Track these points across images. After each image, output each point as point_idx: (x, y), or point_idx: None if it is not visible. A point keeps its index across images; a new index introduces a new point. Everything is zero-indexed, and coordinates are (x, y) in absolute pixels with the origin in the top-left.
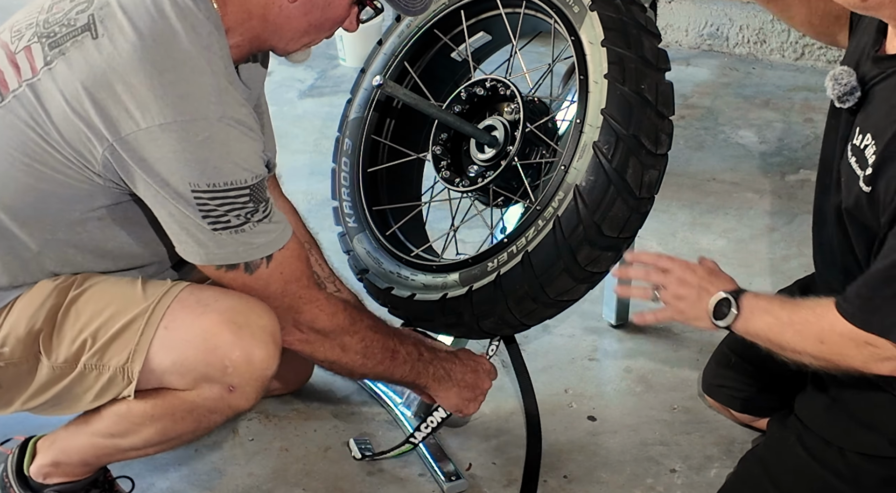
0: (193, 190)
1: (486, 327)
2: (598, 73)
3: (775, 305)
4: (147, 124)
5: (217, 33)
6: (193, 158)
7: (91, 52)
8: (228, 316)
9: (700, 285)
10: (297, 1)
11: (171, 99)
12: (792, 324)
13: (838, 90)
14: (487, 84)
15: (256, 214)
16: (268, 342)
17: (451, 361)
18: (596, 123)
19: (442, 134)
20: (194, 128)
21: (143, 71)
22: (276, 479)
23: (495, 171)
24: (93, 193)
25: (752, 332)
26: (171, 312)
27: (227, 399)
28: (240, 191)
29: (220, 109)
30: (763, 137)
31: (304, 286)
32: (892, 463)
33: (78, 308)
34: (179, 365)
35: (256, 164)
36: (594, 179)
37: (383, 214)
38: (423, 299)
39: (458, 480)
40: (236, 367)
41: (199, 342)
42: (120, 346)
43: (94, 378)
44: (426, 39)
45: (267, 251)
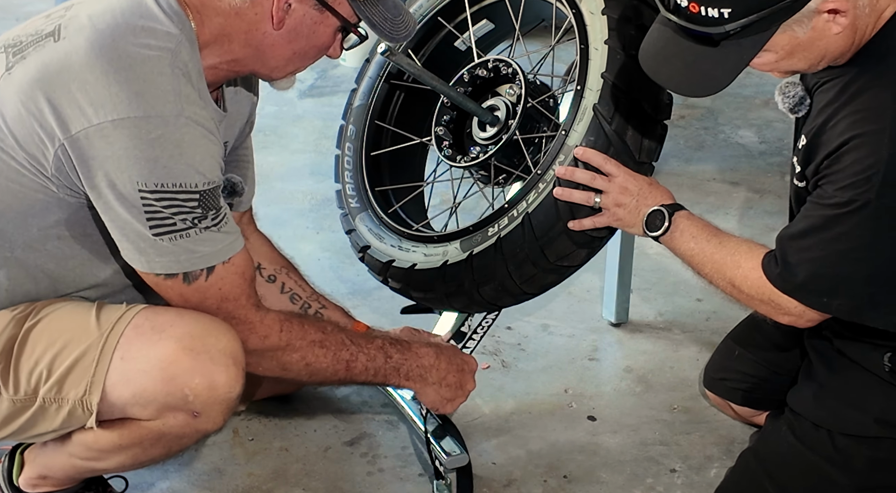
0: (140, 190)
1: (487, 294)
2: (599, 41)
3: (703, 234)
4: (99, 120)
5: (189, 45)
6: (143, 155)
7: (49, 53)
8: (185, 343)
9: (640, 194)
10: (283, 29)
11: (126, 95)
12: (712, 260)
13: (788, 103)
14: (490, 65)
15: (204, 221)
16: (228, 365)
17: (429, 358)
18: (596, 87)
19: (444, 116)
20: (147, 125)
21: (99, 67)
22: (276, 479)
23: (497, 146)
24: (48, 204)
25: (677, 251)
26: (126, 340)
27: (193, 424)
28: (189, 194)
29: (177, 107)
30: (763, 137)
31: (240, 306)
32: (878, 444)
33: (34, 340)
34: (140, 397)
35: (210, 168)
36: (594, 140)
37: (385, 194)
38: (423, 267)
39: (458, 454)
40: (197, 394)
41: (157, 373)
42: (76, 378)
43: (55, 411)
44: (430, 28)
45: (209, 262)
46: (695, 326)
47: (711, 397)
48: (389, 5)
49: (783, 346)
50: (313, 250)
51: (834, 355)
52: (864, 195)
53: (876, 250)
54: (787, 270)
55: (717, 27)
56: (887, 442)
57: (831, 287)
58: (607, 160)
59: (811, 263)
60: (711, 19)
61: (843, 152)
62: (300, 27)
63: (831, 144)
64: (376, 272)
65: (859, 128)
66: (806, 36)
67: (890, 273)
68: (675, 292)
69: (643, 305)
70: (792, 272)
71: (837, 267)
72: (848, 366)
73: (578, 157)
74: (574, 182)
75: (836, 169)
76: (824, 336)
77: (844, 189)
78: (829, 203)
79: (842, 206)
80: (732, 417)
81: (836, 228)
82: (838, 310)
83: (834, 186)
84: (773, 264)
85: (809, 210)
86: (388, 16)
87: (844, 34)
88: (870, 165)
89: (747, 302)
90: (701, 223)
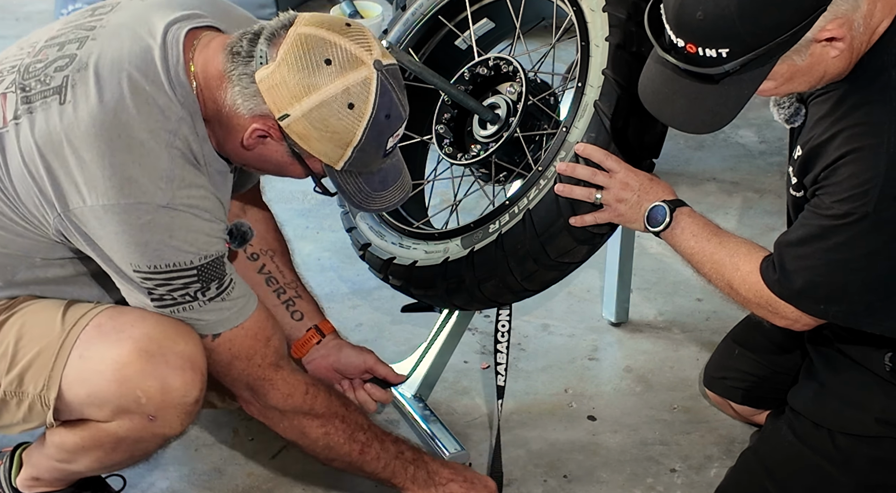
0: (136, 270)
1: (488, 291)
2: (600, 37)
3: (704, 233)
4: (92, 203)
5: (190, 119)
6: (133, 240)
7: (53, 117)
8: (142, 345)
9: (641, 189)
10: (252, 151)
11: (118, 180)
12: (711, 260)
13: (783, 114)
14: (490, 63)
15: (208, 292)
16: (185, 369)
17: (441, 467)
18: (597, 84)
19: (445, 114)
20: (136, 211)
21: (97, 148)
22: (276, 479)
23: (497, 143)
24: (54, 245)
25: (678, 248)
26: (87, 338)
27: (149, 428)
28: (185, 271)
29: (167, 195)
30: (763, 137)
31: (254, 365)
32: (879, 443)
33: (4, 332)
34: (94, 397)
35: (205, 245)
36: (595, 136)
37: None
38: (424, 264)
39: (459, 451)
40: (150, 397)
41: (111, 374)
42: (36, 373)
43: (16, 405)
44: (431, 27)
45: (215, 330)
46: (695, 326)
47: (711, 396)
48: (376, 179)
49: (783, 345)
50: (313, 249)
51: (835, 355)
52: (861, 208)
53: (872, 261)
54: (784, 276)
55: (716, 67)
56: (888, 442)
57: (828, 295)
58: (608, 156)
59: (808, 270)
60: (710, 59)
61: (840, 165)
62: (269, 157)
63: (829, 156)
64: (377, 270)
65: (857, 142)
66: (805, 63)
67: (886, 282)
68: (676, 292)
69: (643, 304)
70: (789, 279)
71: (834, 276)
72: (849, 366)
73: (579, 153)
74: (575, 178)
75: (834, 181)
76: (825, 336)
77: (842, 202)
78: (826, 214)
79: (839, 218)
80: (732, 416)
81: (833, 239)
82: (835, 317)
83: (831, 198)
84: (771, 269)
85: (807, 219)
86: (366, 189)
87: (842, 56)
88: (867, 179)
89: (744, 304)
90: (702, 221)
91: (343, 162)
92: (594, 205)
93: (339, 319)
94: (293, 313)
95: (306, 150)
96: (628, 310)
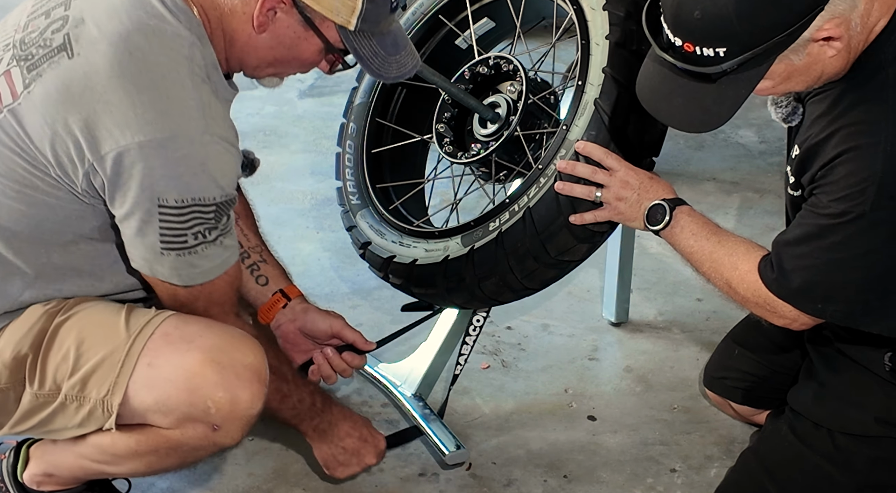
0: (161, 205)
1: (488, 289)
2: (600, 36)
3: (703, 231)
4: (126, 142)
5: (200, 44)
6: (168, 174)
7: (68, 72)
8: (212, 355)
9: (641, 187)
10: (264, 34)
11: (151, 116)
12: (710, 259)
13: (781, 113)
14: (490, 62)
15: (213, 232)
16: (252, 381)
17: (342, 420)
18: (597, 82)
19: (445, 113)
20: (174, 144)
21: (122, 88)
22: (276, 479)
23: (498, 142)
24: (83, 214)
25: (677, 247)
26: (154, 346)
27: (211, 438)
28: (205, 208)
29: (202, 124)
30: (763, 137)
31: (223, 312)
32: (879, 442)
33: (62, 335)
34: (162, 404)
35: (229, 182)
36: (595, 135)
37: (386, 191)
38: (424, 263)
39: (459, 450)
40: (219, 407)
41: (182, 382)
42: (100, 378)
43: (75, 410)
44: (431, 26)
45: (207, 277)
46: (695, 325)
47: (711, 396)
48: (388, 42)
49: (783, 345)
50: (313, 249)
51: (835, 355)
52: (858, 207)
53: (870, 260)
54: (782, 276)
55: (714, 67)
56: (887, 441)
57: (826, 294)
58: (608, 154)
59: (806, 270)
60: (707, 58)
61: (837, 164)
62: (282, 37)
63: (826, 155)
64: (377, 268)
65: (854, 140)
66: (802, 62)
67: (884, 281)
68: (676, 292)
69: (643, 304)
70: (787, 278)
71: (831, 275)
72: (848, 365)
73: (580, 151)
74: (575, 177)
75: (831, 180)
76: (825, 336)
77: (839, 201)
78: (823, 213)
79: (836, 216)
80: (732, 416)
81: (830, 238)
82: (832, 316)
83: (829, 197)
84: (768, 269)
85: (805, 218)
86: (382, 52)
87: (839, 55)
88: (864, 178)
89: (743, 303)
90: (701, 220)
91: (356, 18)
92: (594, 203)
93: None
94: (258, 278)
95: (318, 10)
96: (628, 310)
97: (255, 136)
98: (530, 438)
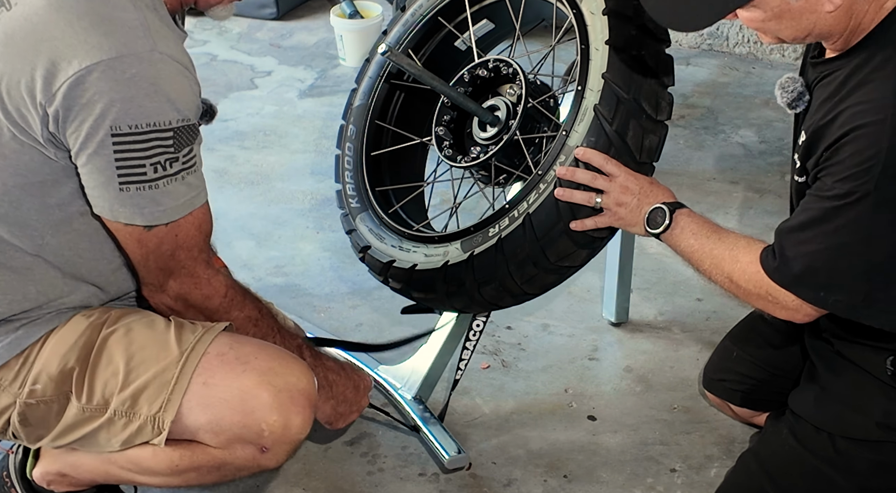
0: (114, 134)
1: (487, 294)
2: (600, 41)
3: (704, 231)
4: (74, 70)
5: None
6: (119, 97)
7: (8, 22)
8: (268, 378)
9: (641, 192)
10: None
11: (95, 39)
12: (711, 256)
13: (786, 97)
14: (490, 65)
15: (175, 164)
16: (305, 407)
17: (335, 372)
18: (597, 88)
19: (445, 116)
20: (121, 65)
21: (63, 19)
22: (276, 479)
23: (497, 146)
24: (56, 176)
25: (678, 249)
26: (209, 365)
27: (257, 459)
28: (163, 132)
29: (149, 43)
30: (763, 137)
31: (192, 257)
32: (880, 447)
33: (110, 349)
34: (215, 424)
35: (186, 104)
36: (595, 141)
37: (386, 194)
38: (424, 268)
39: (459, 454)
40: (273, 431)
41: (237, 404)
42: (152, 394)
43: (123, 425)
44: (430, 28)
45: (171, 217)
46: (695, 325)
47: (710, 397)
48: None
49: (781, 347)
50: (313, 249)
51: (836, 358)
52: (863, 187)
53: (874, 244)
54: (784, 263)
55: None
56: (889, 446)
57: (828, 282)
58: (608, 160)
59: (809, 256)
60: None
61: (842, 144)
62: None
63: (832, 136)
64: (377, 272)
65: (860, 119)
66: (797, 4)
67: (887, 269)
68: (675, 292)
69: (643, 305)
70: (788, 266)
71: (835, 261)
72: (850, 369)
73: (579, 157)
74: (575, 183)
75: (836, 161)
76: (825, 339)
77: (844, 181)
78: (828, 195)
79: (841, 198)
80: (732, 417)
81: (834, 221)
82: (834, 306)
83: (833, 178)
84: (770, 257)
85: (809, 203)
86: None
87: (836, 15)
88: (869, 157)
89: (745, 297)
90: (701, 220)
91: None
92: (595, 209)
93: (339, 319)
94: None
95: None
96: (628, 310)
97: (255, 136)
98: (530, 438)
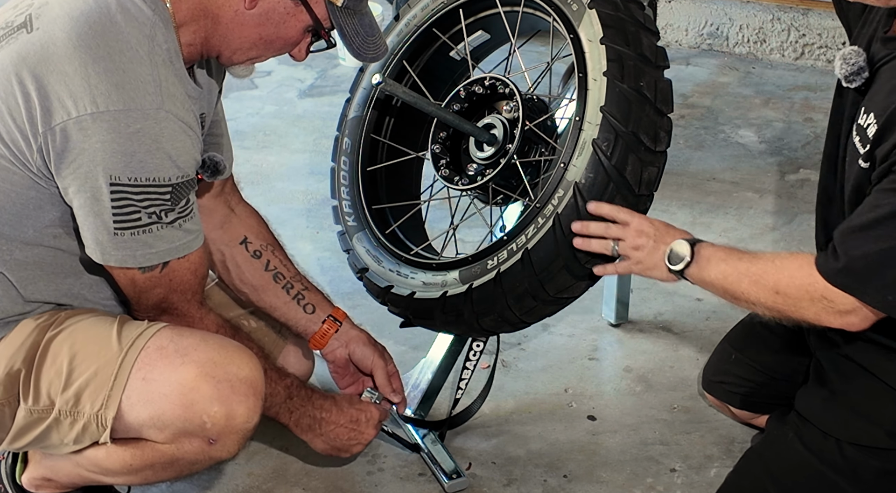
0: (113, 184)
1: (486, 324)
2: (597, 71)
3: (733, 255)
4: (78, 113)
5: (163, 26)
6: (120, 150)
7: (25, 44)
8: (207, 369)
9: (657, 234)
10: (254, 10)
11: (105, 88)
12: (749, 274)
13: (846, 69)
14: (486, 82)
15: (171, 214)
16: (248, 395)
17: (327, 410)
18: (595, 121)
19: (441, 133)
20: (126, 118)
21: (78, 58)
22: (276, 479)
23: (494, 169)
24: (41, 202)
25: (708, 280)
26: (148, 360)
27: (207, 451)
28: (160, 188)
29: (157, 100)
30: (763, 137)
31: (185, 300)
32: (889, 455)
33: (54, 350)
34: (157, 420)
35: (186, 162)
36: (594, 177)
37: (382, 212)
38: (422, 297)
39: (459, 478)
40: (215, 422)
41: (177, 397)
42: (93, 392)
43: (70, 425)
44: (425, 38)
45: (163, 258)
46: (695, 325)
47: (710, 398)
48: (366, 23)
49: (780, 351)
50: (313, 250)
51: (845, 362)
52: None
53: None
54: (848, 262)
55: None
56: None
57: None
58: (620, 209)
59: (878, 254)
60: None
61: None
62: (272, 13)
63: None
64: (375, 296)
65: None
66: None
67: None
68: (675, 292)
69: (643, 305)
70: (854, 265)
71: None
72: (861, 374)
73: (591, 212)
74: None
75: None
76: (834, 342)
77: None
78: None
79: None
80: (731, 417)
81: None
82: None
83: None
84: (831, 259)
85: (879, 198)
86: (362, 32)
87: None
88: None
89: (794, 309)
90: (727, 247)
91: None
92: (613, 258)
93: None
94: (305, 307)
95: None
96: (628, 310)
97: (255, 136)
98: (530, 438)
